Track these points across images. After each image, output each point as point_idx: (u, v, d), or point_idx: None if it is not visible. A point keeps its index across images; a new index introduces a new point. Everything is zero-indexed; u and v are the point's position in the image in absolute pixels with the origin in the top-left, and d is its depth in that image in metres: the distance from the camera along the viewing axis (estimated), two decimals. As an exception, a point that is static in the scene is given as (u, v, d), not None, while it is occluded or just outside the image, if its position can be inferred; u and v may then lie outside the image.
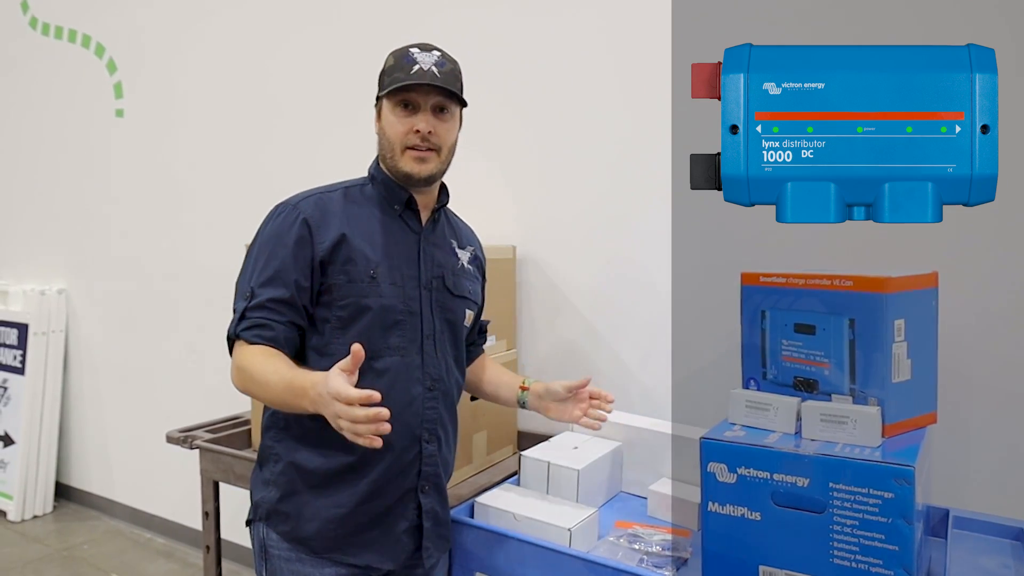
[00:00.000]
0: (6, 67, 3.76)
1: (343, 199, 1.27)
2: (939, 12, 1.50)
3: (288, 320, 1.19)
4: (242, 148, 2.80)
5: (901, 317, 1.20)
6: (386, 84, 1.24)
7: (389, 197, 1.29)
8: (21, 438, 3.36)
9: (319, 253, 1.20)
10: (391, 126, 1.25)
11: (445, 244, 1.35)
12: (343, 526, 1.22)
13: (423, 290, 1.27)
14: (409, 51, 1.24)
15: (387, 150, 1.27)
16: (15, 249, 3.85)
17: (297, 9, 2.58)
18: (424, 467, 1.27)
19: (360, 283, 1.21)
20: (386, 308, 1.22)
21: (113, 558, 2.98)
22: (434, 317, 1.29)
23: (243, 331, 1.18)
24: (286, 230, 1.21)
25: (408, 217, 1.30)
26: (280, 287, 1.18)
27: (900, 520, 1.03)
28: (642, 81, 1.88)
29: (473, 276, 1.41)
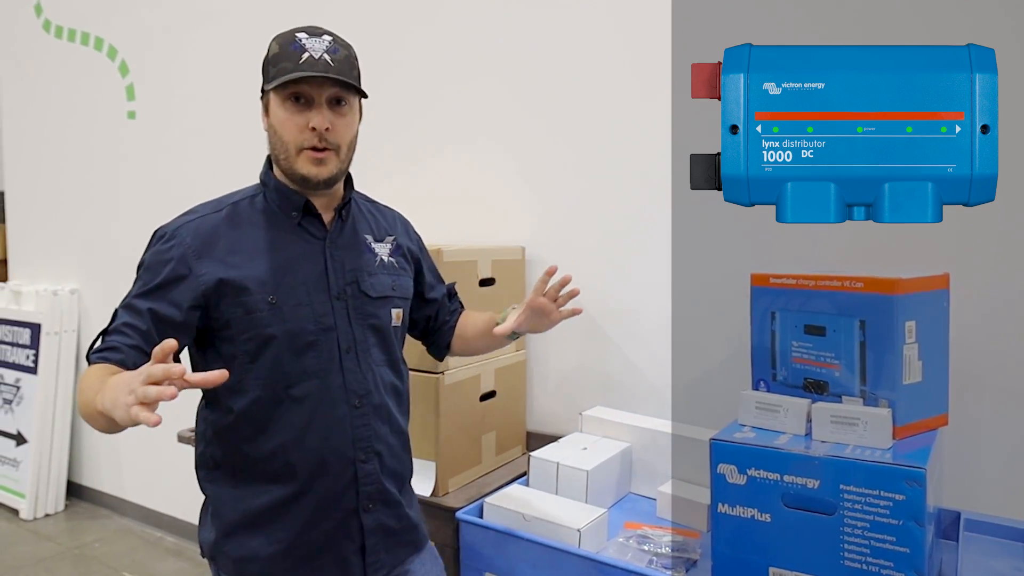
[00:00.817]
0: (20, 70, 3.79)
1: (230, 219, 1.16)
2: (940, 12, 1.50)
3: (135, 345, 1.07)
4: (252, 149, 2.81)
5: (912, 319, 1.20)
6: (272, 75, 1.11)
7: (284, 205, 1.18)
8: (33, 437, 3.39)
9: (200, 287, 1.09)
10: (282, 124, 1.12)
11: (357, 243, 1.24)
12: (285, 560, 1.16)
13: (335, 302, 1.17)
14: (296, 37, 1.12)
15: (279, 151, 1.14)
16: (28, 249, 3.89)
17: (307, 11, 2.59)
18: (363, 487, 1.18)
19: (259, 312, 1.10)
20: (292, 333, 1.12)
21: (124, 556, 3.00)
22: (352, 328, 1.18)
23: (92, 354, 1.06)
24: (161, 261, 1.11)
25: (308, 224, 1.19)
26: (136, 315, 1.08)
27: (911, 522, 1.03)
28: (652, 83, 1.88)
29: (397, 269, 1.28)
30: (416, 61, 2.31)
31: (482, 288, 1.84)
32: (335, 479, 1.17)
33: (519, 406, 2.00)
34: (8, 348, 3.59)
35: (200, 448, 1.22)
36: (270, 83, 1.12)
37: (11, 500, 3.43)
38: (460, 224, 2.25)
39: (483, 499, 1.46)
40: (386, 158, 2.36)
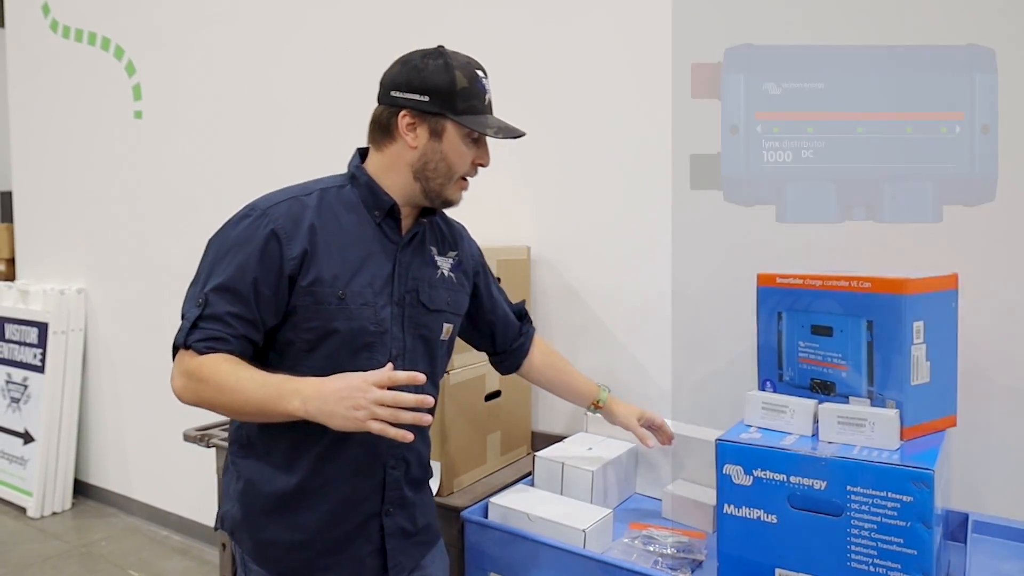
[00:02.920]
0: (28, 69, 3.81)
1: (318, 205, 1.16)
2: (940, 12, 1.48)
3: (243, 335, 1.09)
4: (258, 148, 2.82)
5: (920, 319, 1.19)
6: (461, 109, 1.15)
7: (370, 202, 1.19)
8: (41, 435, 3.41)
9: (288, 269, 1.10)
10: (460, 156, 1.18)
11: (424, 254, 1.26)
12: (304, 550, 1.17)
13: (395, 307, 1.18)
14: (477, 74, 1.18)
15: (441, 175, 1.18)
16: (36, 249, 3.91)
17: (314, 12, 2.60)
18: (388, 492, 1.21)
19: (327, 305, 1.11)
20: (355, 331, 1.13)
21: (130, 555, 3.01)
22: (404, 335, 1.20)
23: (195, 342, 1.07)
24: (252, 237, 1.10)
25: (388, 225, 1.20)
26: (240, 303, 1.08)
27: (919, 524, 1.02)
28: (654, 82, 1.87)
29: (455, 285, 1.31)
30: (421, 60, 2.31)
31: (487, 288, 1.84)
32: (364, 480, 1.19)
33: (524, 406, 2.00)
34: (16, 347, 3.61)
35: (237, 422, 1.23)
36: (458, 116, 1.15)
37: (18, 498, 3.45)
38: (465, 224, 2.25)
39: (488, 499, 1.46)
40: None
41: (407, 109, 1.16)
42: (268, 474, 1.17)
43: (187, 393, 1.10)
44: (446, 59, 1.16)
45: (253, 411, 1.05)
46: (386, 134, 1.19)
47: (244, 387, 1.03)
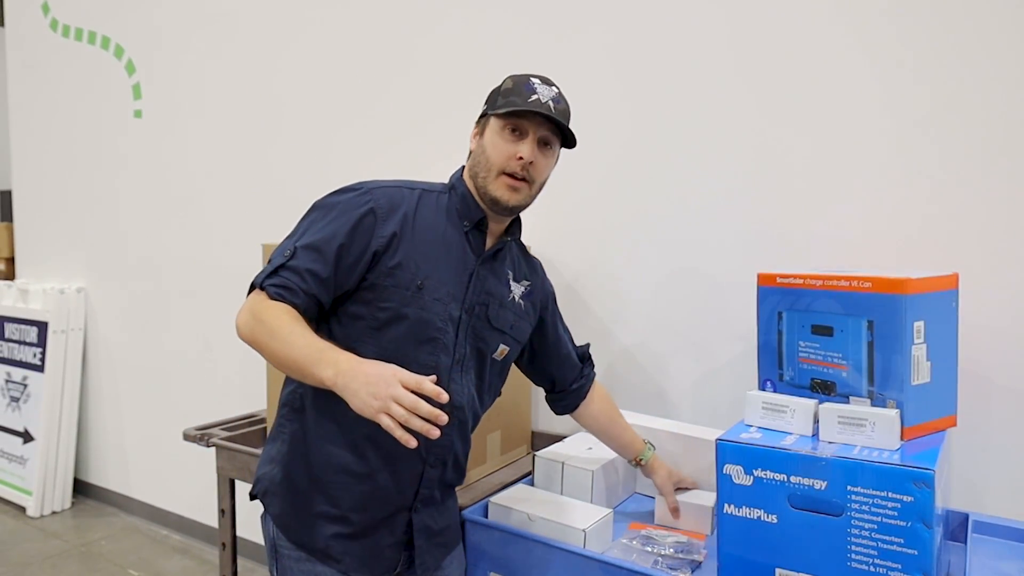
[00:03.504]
0: (28, 68, 3.81)
1: (417, 201, 1.23)
2: (940, 12, 1.48)
3: (315, 294, 1.14)
4: (258, 148, 2.82)
5: (921, 319, 1.19)
6: (499, 104, 1.21)
7: (463, 212, 1.25)
8: (40, 435, 3.41)
9: (375, 244, 1.16)
10: (495, 147, 1.21)
11: (501, 273, 1.31)
12: (332, 525, 1.20)
13: (464, 313, 1.23)
14: (531, 79, 1.23)
15: (482, 169, 1.22)
16: (35, 248, 3.91)
17: (314, 11, 2.59)
18: (423, 489, 1.24)
19: (404, 290, 1.16)
20: (424, 321, 1.18)
21: (130, 554, 3.01)
22: (466, 342, 1.24)
23: (270, 285, 1.13)
24: (352, 208, 1.17)
25: (474, 237, 1.26)
26: (321, 262, 1.14)
27: (919, 524, 1.02)
28: (655, 85, 1.87)
29: (523, 312, 1.34)
30: (423, 67, 2.31)
31: (487, 287, 1.84)
32: (404, 472, 1.21)
33: (524, 405, 2.00)
34: (15, 346, 3.61)
35: (292, 386, 1.25)
36: (496, 109, 1.21)
37: (18, 497, 3.45)
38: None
39: (488, 498, 1.46)
40: (395, 160, 2.36)
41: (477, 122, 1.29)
42: (314, 443, 1.20)
43: (245, 329, 1.13)
44: (509, 76, 1.26)
45: (292, 365, 1.07)
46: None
47: (294, 340, 1.06)
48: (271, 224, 2.70)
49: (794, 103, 1.68)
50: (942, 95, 1.51)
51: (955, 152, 1.50)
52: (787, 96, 1.69)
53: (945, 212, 1.52)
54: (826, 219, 1.65)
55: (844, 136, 1.62)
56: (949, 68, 1.50)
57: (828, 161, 1.64)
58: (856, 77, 1.60)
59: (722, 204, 1.79)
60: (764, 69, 1.72)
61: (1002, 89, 1.45)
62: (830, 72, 1.63)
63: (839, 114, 1.63)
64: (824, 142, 1.65)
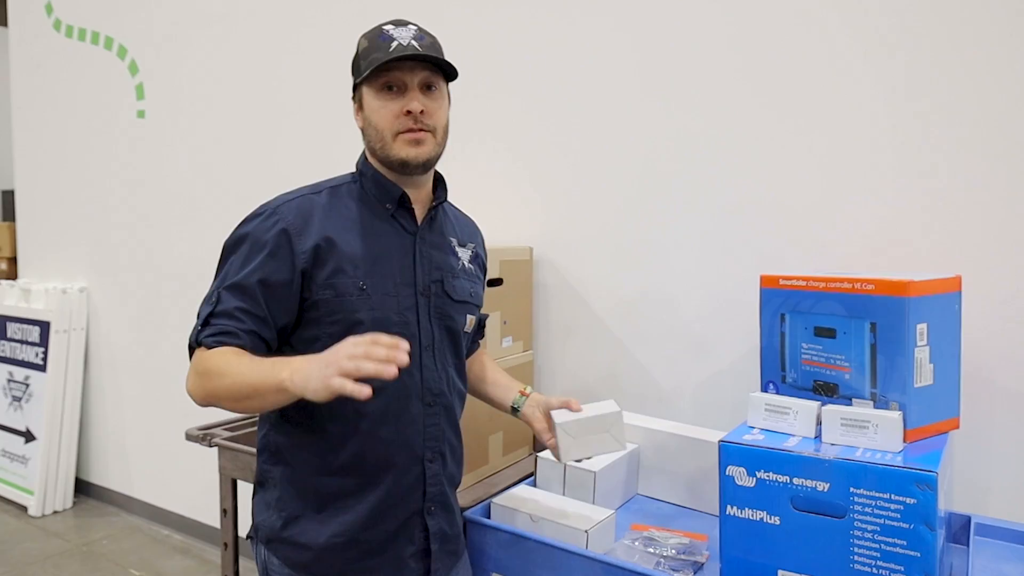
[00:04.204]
0: (31, 68, 3.82)
1: (328, 201, 1.16)
2: (944, 15, 1.49)
3: (255, 331, 1.09)
4: (260, 148, 2.83)
5: (924, 321, 1.19)
6: (363, 68, 1.13)
7: (380, 195, 1.19)
8: (42, 434, 3.41)
9: (300, 263, 1.09)
10: (376, 112, 1.13)
11: (444, 243, 1.25)
12: (346, 552, 1.15)
13: (420, 297, 1.18)
14: (383, 29, 1.14)
15: (376, 140, 1.15)
16: (38, 248, 3.91)
17: (317, 11, 2.60)
18: (429, 488, 1.20)
19: (349, 297, 1.10)
20: (379, 321, 1.12)
21: (132, 554, 3.01)
22: (432, 326, 1.19)
23: (206, 337, 1.07)
24: (262, 235, 1.10)
25: (402, 216, 1.19)
26: (248, 299, 1.08)
27: (922, 526, 1.02)
28: (660, 86, 1.87)
29: (474, 276, 1.30)
30: (425, 61, 2.31)
31: (490, 288, 1.84)
32: (403, 475, 1.17)
33: (526, 406, 2.00)
34: (17, 345, 3.61)
35: (264, 431, 1.21)
36: (361, 75, 1.14)
37: (20, 497, 3.45)
38: (468, 224, 2.26)
39: (490, 499, 1.46)
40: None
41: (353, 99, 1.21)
42: (302, 479, 1.16)
43: (197, 390, 1.08)
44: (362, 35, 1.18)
45: (251, 392, 0.99)
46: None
47: (243, 369, 1.01)
48: (273, 224, 2.70)
49: (797, 107, 1.68)
50: (945, 98, 1.51)
51: (959, 155, 1.50)
52: (790, 100, 1.69)
53: (948, 214, 1.52)
54: (829, 221, 1.65)
55: (847, 140, 1.62)
56: (952, 71, 1.50)
57: (831, 164, 1.64)
58: (859, 81, 1.60)
59: (724, 207, 1.79)
60: (767, 74, 1.72)
61: (1005, 91, 1.45)
62: (833, 77, 1.63)
63: (842, 118, 1.63)
64: (827, 146, 1.65)
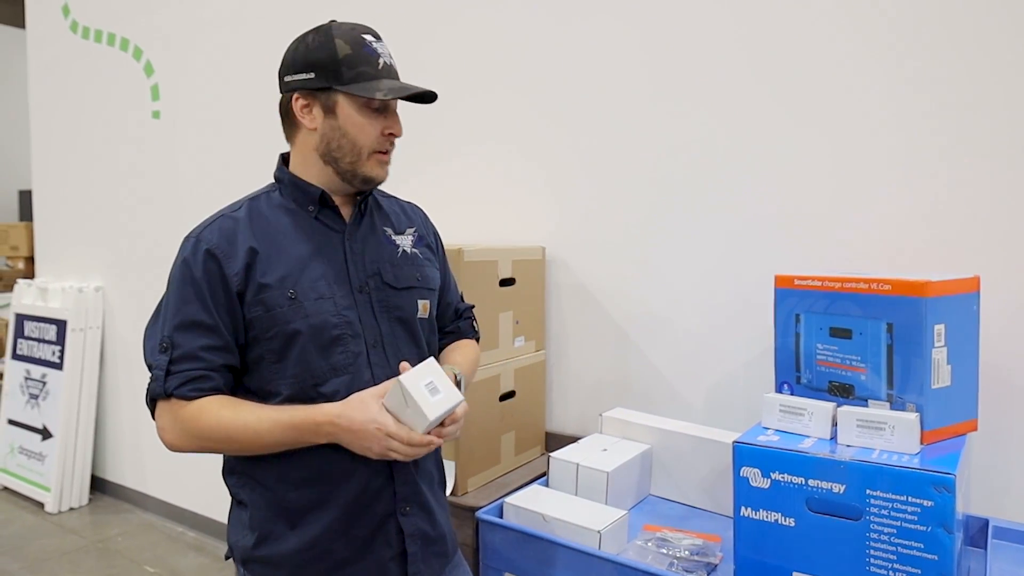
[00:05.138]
0: (48, 70, 3.86)
1: (247, 216, 1.13)
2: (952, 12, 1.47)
3: (224, 364, 1.07)
4: (274, 148, 2.83)
5: (941, 322, 1.18)
6: (348, 78, 1.09)
7: (300, 199, 1.16)
8: (59, 432, 3.45)
9: (234, 285, 1.07)
10: (361, 129, 1.11)
11: (376, 235, 1.21)
12: (319, 563, 1.12)
13: (357, 295, 1.14)
14: (364, 39, 1.12)
15: (347, 153, 1.13)
16: (55, 247, 3.95)
17: (330, 13, 2.61)
18: (399, 488, 1.15)
19: (279, 308, 1.07)
20: (316, 328, 1.09)
21: (146, 550, 3.04)
22: (378, 322, 1.16)
23: (176, 388, 1.05)
24: (191, 267, 1.08)
25: (325, 217, 1.16)
26: (207, 333, 1.06)
27: (940, 529, 1.01)
28: (673, 86, 1.86)
29: (422, 261, 1.26)
30: (437, 64, 2.31)
31: (503, 288, 1.84)
32: (370, 478, 1.13)
33: (538, 407, 2.00)
34: (35, 344, 3.65)
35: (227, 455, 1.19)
36: (346, 85, 1.10)
37: (37, 493, 3.49)
38: (480, 224, 2.25)
39: (503, 499, 1.46)
40: (408, 159, 2.36)
41: (298, 91, 1.13)
42: (269, 496, 1.13)
43: (188, 447, 1.10)
44: (328, 31, 1.12)
45: (270, 447, 1.07)
46: (291, 123, 1.17)
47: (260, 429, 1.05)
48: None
49: (812, 107, 1.67)
50: (961, 98, 1.49)
51: (975, 154, 1.49)
52: (805, 100, 1.68)
53: (966, 214, 1.50)
54: (845, 221, 1.63)
55: (863, 139, 1.61)
56: (967, 70, 1.48)
57: (847, 164, 1.63)
58: (874, 81, 1.59)
59: (740, 207, 1.78)
60: (782, 74, 1.71)
61: (1021, 90, 1.44)
62: (848, 76, 1.62)
63: (858, 117, 1.61)
64: (843, 145, 1.63)
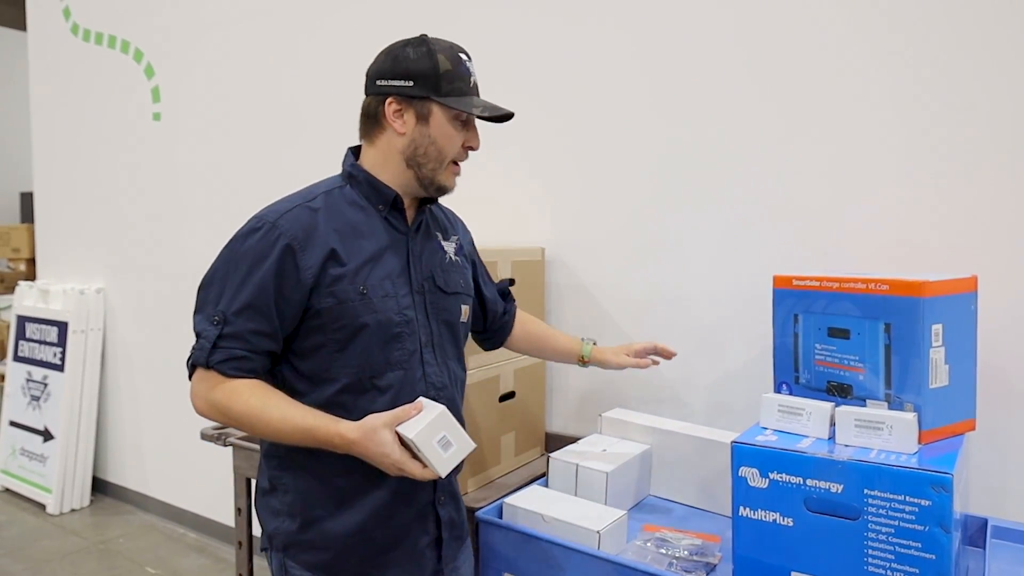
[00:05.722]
0: (50, 72, 3.87)
1: (325, 209, 1.17)
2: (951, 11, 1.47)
3: (266, 350, 1.13)
4: (274, 150, 2.85)
5: (939, 322, 1.18)
6: (445, 91, 1.16)
7: (373, 198, 1.21)
8: (60, 433, 3.45)
9: (306, 280, 1.11)
10: (450, 139, 1.18)
11: (431, 240, 1.29)
12: (363, 548, 1.18)
13: (415, 295, 1.21)
14: (460, 57, 1.19)
15: (432, 159, 1.18)
16: (56, 249, 3.96)
17: (332, 15, 2.61)
18: (440, 480, 1.22)
19: (351, 302, 1.12)
20: (382, 323, 1.15)
21: (147, 552, 3.04)
22: (430, 322, 1.22)
23: (219, 363, 1.10)
24: (266, 253, 1.11)
25: (394, 217, 1.22)
26: (260, 318, 1.10)
27: (937, 528, 1.01)
28: (671, 86, 1.87)
29: (462, 267, 1.34)
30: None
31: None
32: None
33: (538, 407, 2.00)
34: (36, 346, 3.66)
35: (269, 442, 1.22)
36: (443, 98, 1.16)
37: (38, 495, 3.50)
38: (480, 225, 2.24)
39: (502, 499, 1.46)
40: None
41: (393, 96, 1.17)
42: (315, 481, 1.17)
43: (212, 418, 1.16)
44: (428, 45, 1.17)
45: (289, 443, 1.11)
46: (376, 124, 1.21)
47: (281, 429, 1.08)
48: (287, 226, 2.72)
49: (810, 105, 1.67)
50: (959, 97, 1.50)
51: (974, 154, 1.49)
52: (803, 98, 1.68)
53: (964, 214, 1.50)
54: (843, 222, 1.64)
55: (861, 139, 1.61)
56: (964, 70, 1.49)
57: (845, 164, 1.63)
58: (871, 81, 1.59)
59: (738, 207, 1.78)
60: (779, 72, 1.71)
61: (1019, 90, 1.44)
62: (845, 77, 1.62)
63: (855, 116, 1.62)
64: (841, 145, 1.64)
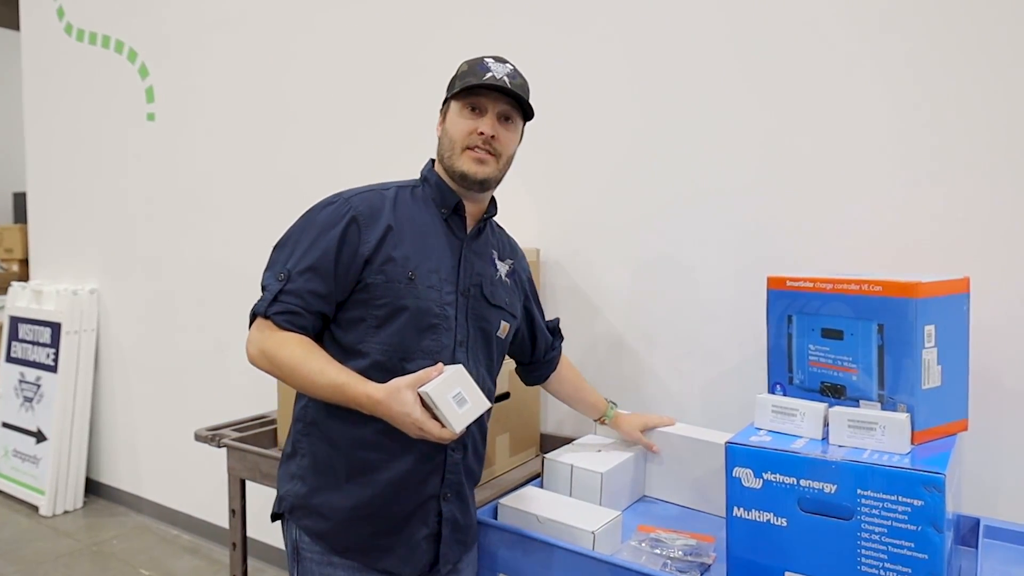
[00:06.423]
0: (43, 72, 3.85)
1: (394, 198, 1.28)
2: (947, 11, 1.48)
3: (319, 312, 1.21)
4: (270, 151, 2.84)
5: (931, 323, 1.19)
6: (456, 87, 1.27)
7: (439, 200, 1.30)
8: (53, 434, 3.44)
9: (363, 252, 1.20)
10: (455, 125, 1.27)
11: (486, 254, 1.36)
12: (363, 526, 1.22)
13: (460, 296, 1.27)
14: (484, 59, 1.27)
15: (447, 149, 1.28)
16: (49, 250, 3.94)
17: (325, 16, 2.61)
18: (448, 475, 1.27)
19: (397, 283, 1.20)
20: (422, 310, 1.21)
21: (141, 553, 3.03)
22: (468, 324, 1.28)
23: (275, 314, 1.19)
24: (335, 223, 1.22)
25: (454, 222, 1.30)
26: (319, 280, 1.19)
27: (930, 528, 1.02)
28: (665, 88, 1.87)
29: (511, 289, 1.40)
30: (435, 67, 2.32)
31: (497, 290, 1.85)
32: (426, 459, 1.24)
33: (533, 408, 2.00)
34: (29, 347, 3.65)
35: (304, 401, 1.29)
36: (452, 91, 1.27)
37: (31, 497, 3.48)
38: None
39: (497, 500, 1.47)
40: (405, 164, 2.37)
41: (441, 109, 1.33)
42: (333, 449, 1.23)
43: (262, 366, 1.21)
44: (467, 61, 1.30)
45: (319, 397, 1.18)
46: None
47: (317, 381, 1.15)
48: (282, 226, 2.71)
49: (802, 106, 1.68)
50: (952, 99, 1.51)
51: (967, 156, 1.50)
52: (795, 99, 1.69)
53: (956, 215, 1.51)
54: (836, 223, 1.64)
55: (853, 139, 1.62)
56: (957, 70, 1.50)
57: (838, 164, 1.64)
58: (864, 80, 1.60)
59: (732, 208, 1.79)
60: (771, 72, 1.72)
61: (1013, 92, 1.45)
62: (838, 75, 1.63)
63: (847, 117, 1.62)
64: (833, 145, 1.64)
